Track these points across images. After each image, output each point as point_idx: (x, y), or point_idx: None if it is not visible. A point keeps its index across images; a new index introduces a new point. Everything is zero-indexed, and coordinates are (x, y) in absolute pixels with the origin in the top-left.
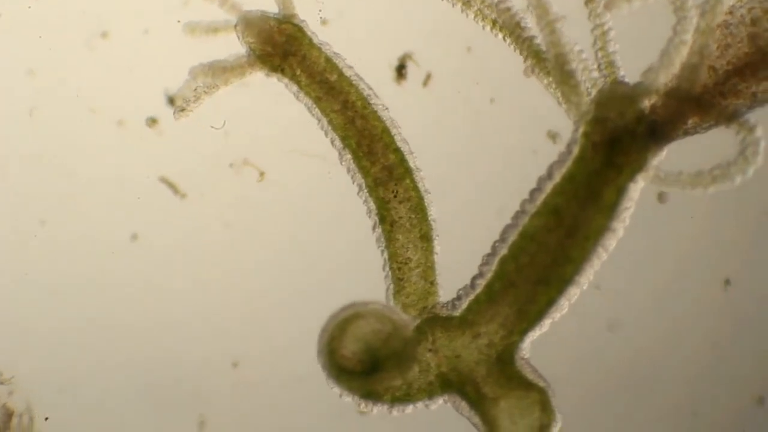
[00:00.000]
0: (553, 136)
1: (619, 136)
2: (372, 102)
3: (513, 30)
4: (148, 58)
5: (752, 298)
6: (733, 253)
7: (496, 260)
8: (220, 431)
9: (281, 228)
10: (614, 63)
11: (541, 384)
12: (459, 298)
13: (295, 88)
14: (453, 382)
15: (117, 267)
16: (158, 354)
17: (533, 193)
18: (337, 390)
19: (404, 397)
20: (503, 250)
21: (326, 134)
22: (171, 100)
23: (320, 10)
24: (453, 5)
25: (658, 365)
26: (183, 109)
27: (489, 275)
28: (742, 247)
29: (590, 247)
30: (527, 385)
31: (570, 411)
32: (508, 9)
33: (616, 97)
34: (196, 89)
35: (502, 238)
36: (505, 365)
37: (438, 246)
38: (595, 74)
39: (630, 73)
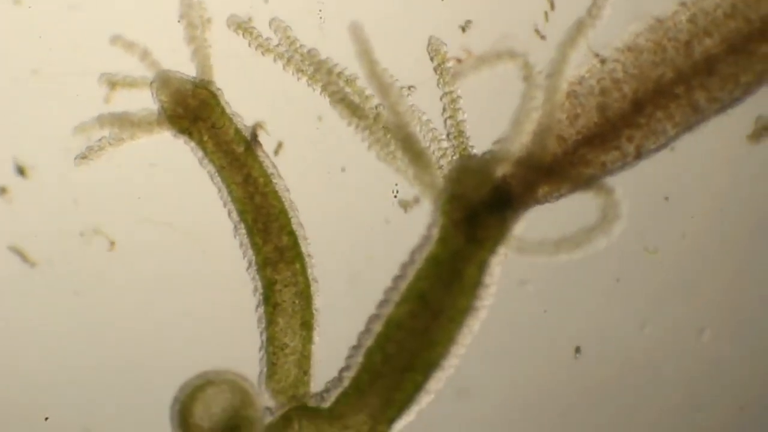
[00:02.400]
0: (404, 204)
1: (478, 210)
2: (274, 181)
3: (357, 110)
4: None
5: (601, 366)
6: (583, 322)
7: (362, 352)
8: None
9: (135, 297)
10: (464, 132)
11: None
12: (327, 390)
13: (200, 153)
14: None
15: None
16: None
17: (396, 280)
18: None
19: None
20: (369, 341)
21: (224, 204)
22: (20, 170)
23: (320, 10)
24: (298, 79)
25: None
26: (85, 157)
27: (356, 367)
28: (592, 315)
29: (455, 328)
30: None
31: None
32: (344, 98)
33: (469, 171)
34: (101, 139)
35: (367, 329)
36: None
37: (317, 336)
38: (445, 144)
39: (479, 142)
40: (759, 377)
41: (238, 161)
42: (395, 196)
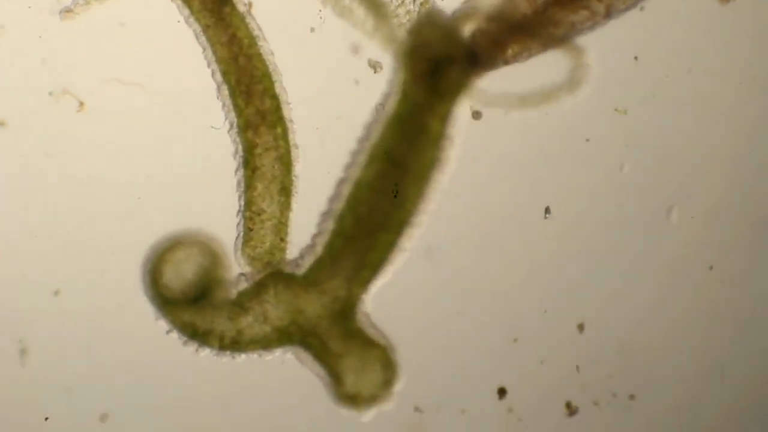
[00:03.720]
0: (374, 65)
1: (441, 64)
2: (259, 44)
3: None
4: None
5: (570, 226)
6: (553, 182)
7: (333, 217)
8: (42, 358)
9: (106, 157)
10: None
11: (382, 342)
12: (302, 257)
13: (186, 11)
14: (294, 335)
15: None
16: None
17: (362, 141)
18: (164, 325)
19: (233, 345)
20: (340, 205)
21: (209, 65)
22: None
23: (320, 10)
24: None
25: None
26: (70, 11)
27: (329, 233)
28: (562, 175)
29: (423, 183)
30: (369, 342)
31: (412, 365)
32: None
33: (434, 25)
34: None
35: (337, 193)
36: (346, 320)
37: (295, 204)
38: None
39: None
40: (731, 228)
41: (223, 21)
42: (395, 196)
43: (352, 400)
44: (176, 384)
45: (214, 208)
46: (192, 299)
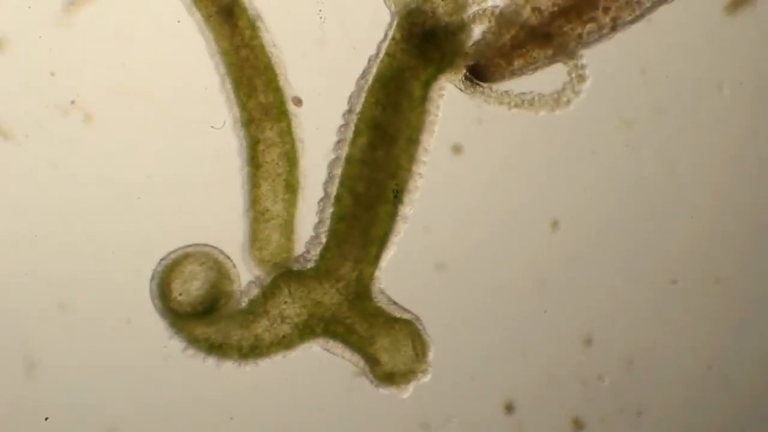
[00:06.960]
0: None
1: (437, 31)
2: (262, 35)
3: None
4: None
5: (577, 238)
6: (559, 195)
7: (331, 200)
8: (50, 373)
9: (112, 169)
10: None
11: (406, 316)
12: (308, 250)
13: (188, 0)
14: (317, 328)
15: None
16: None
17: (346, 115)
18: (180, 343)
19: (253, 352)
20: (335, 187)
21: (211, 57)
22: None
23: (320, 10)
24: None
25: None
26: (72, 2)
27: (329, 218)
28: (567, 189)
29: (414, 147)
30: (392, 319)
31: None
32: None
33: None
34: None
35: (330, 175)
36: (364, 301)
37: (301, 201)
38: None
39: None
40: (739, 240)
41: (225, 11)
42: (395, 196)
43: (391, 378)
44: (186, 397)
45: (225, 218)
46: (203, 314)
